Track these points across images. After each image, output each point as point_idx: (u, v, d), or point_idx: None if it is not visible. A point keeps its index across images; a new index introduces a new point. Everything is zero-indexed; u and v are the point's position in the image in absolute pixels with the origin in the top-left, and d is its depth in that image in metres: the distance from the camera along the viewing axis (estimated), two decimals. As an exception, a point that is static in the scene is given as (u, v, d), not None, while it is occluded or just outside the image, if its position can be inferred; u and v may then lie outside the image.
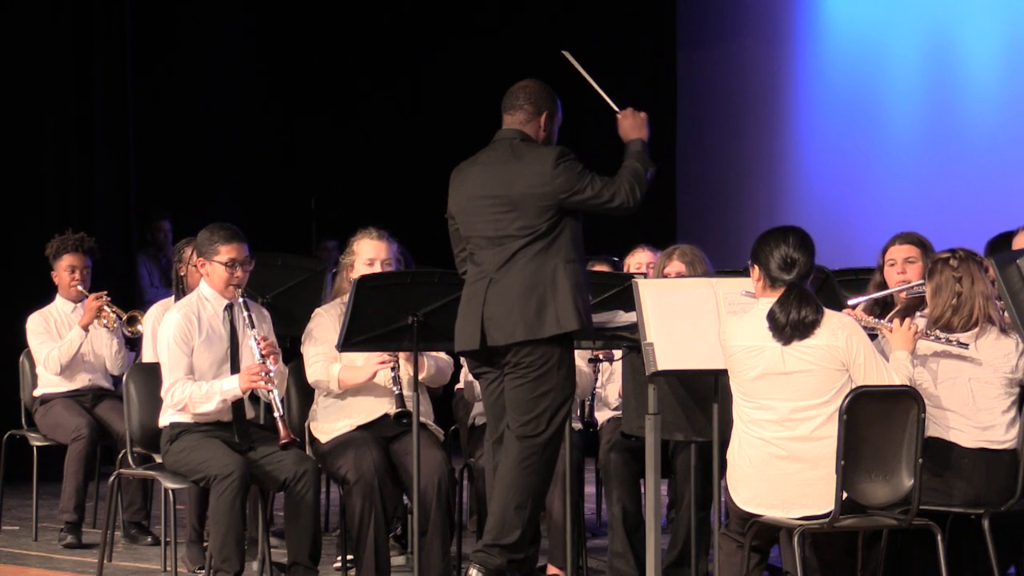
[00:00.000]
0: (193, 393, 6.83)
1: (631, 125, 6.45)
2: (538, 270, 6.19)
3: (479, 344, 6.26)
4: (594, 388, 7.65)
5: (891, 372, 5.72)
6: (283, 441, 6.76)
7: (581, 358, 7.36)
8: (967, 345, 6.00)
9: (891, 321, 6.14)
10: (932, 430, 5.95)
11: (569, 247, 6.24)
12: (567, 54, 6.54)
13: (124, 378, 7.37)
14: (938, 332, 6.02)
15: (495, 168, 6.32)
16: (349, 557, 7.11)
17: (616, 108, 6.50)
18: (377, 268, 7.11)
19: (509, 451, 6.25)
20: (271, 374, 6.80)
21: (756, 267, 5.78)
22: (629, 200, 6.25)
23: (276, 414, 6.79)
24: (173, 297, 8.01)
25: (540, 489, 6.28)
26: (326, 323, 7.12)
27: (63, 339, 8.63)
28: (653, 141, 6.51)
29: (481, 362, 6.38)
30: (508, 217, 6.23)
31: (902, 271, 6.73)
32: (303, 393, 7.35)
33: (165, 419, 6.94)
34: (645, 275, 7.70)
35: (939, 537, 5.72)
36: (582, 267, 6.30)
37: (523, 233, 6.22)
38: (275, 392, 6.80)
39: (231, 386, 6.84)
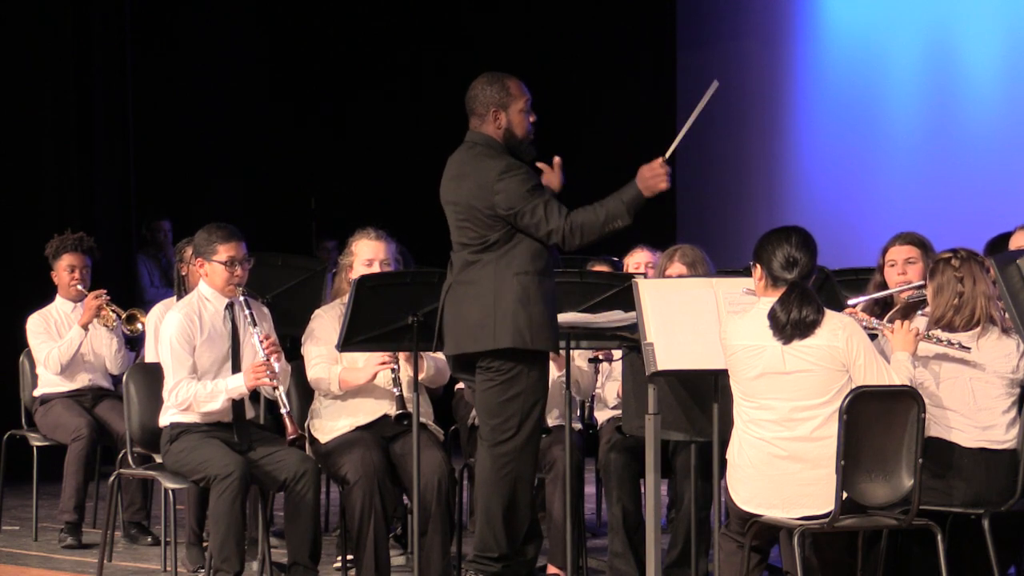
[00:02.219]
0: (198, 392, 6.83)
1: (648, 175, 6.24)
2: (486, 281, 6.18)
3: (442, 351, 6.32)
4: (594, 388, 7.65)
5: (891, 373, 5.71)
6: (291, 437, 6.77)
7: (581, 358, 7.36)
8: (969, 348, 5.99)
9: (892, 322, 6.13)
10: (932, 430, 5.96)
11: (525, 259, 6.19)
12: (715, 85, 6.38)
13: (124, 378, 7.37)
14: (939, 334, 6.01)
15: (454, 173, 6.36)
16: (349, 557, 7.11)
17: (664, 154, 6.29)
18: (376, 268, 7.11)
19: (483, 462, 6.24)
20: (275, 371, 6.80)
21: (758, 266, 5.78)
22: (564, 242, 6.13)
23: (283, 410, 6.79)
24: (175, 297, 8.01)
25: (521, 496, 6.25)
26: (327, 323, 7.12)
27: (63, 339, 8.63)
28: (653, 142, 6.48)
29: (456, 367, 6.41)
30: (463, 225, 6.27)
31: (902, 271, 6.73)
32: (303, 393, 7.35)
33: (165, 419, 6.94)
34: (644, 275, 7.69)
35: (939, 537, 5.72)
36: (541, 278, 6.21)
37: (475, 242, 6.23)
38: (280, 389, 6.81)
39: (236, 384, 6.84)
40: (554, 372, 6.80)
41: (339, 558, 7.39)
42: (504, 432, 6.18)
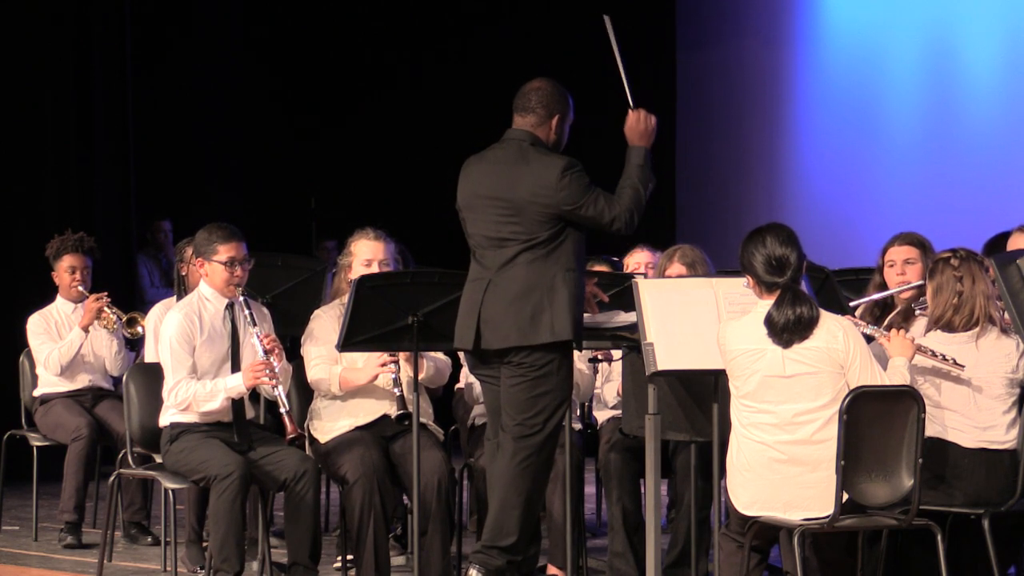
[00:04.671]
0: (197, 392, 6.83)
1: (637, 130, 6.40)
2: (537, 276, 6.17)
3: (472, 345, 6.27)
4: (593, 389, 7.64)
5: (884, 378, 5.71)
6: (290, 436, 6.77)
7: (581, 359, 7.36)
8: (964, 366, 5.98)
9: (895, 324, 6.13)
10: (932, 430, 5.95)
11: (570, 256, 6.22)
12: (607, 20, 6.44)
13: (124, 378, 7.37)
14: (934, 347, 6.01)
15: (501, 169, 6.29)
16: (349, 557, 7.11)
17: (631, 104, 6.43)
18: (375, 269, 7.10)
19: (505, 452, 6.24)
20: (275, 370, 6.81)
21: (747, 275, 5.79)
22: (626, 227, 6.23)
23: (282, 409, 6.79)
24: (175, 297, 8.01)
25: (538, 490, 6.27)
26: (326, 324, 7.12)
27: (63, 340, 8.63)
28: (653, 142, 6.49)
29: (479, 362, 6.38)
30: (509, 221, 6.22)
31: (902, 272, 6.73)
32: (303, 393, 7.35)
33: (165, 419, 6.94)
34: (644, 275, 7.69)
35: (939, 537, 5.72)
36: (581, 277, 6.28)
37: (523, 238, 6.20)
38: (280, 388, 6.81)
39: (235, 383, 6.84)
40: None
41: (339, 558, 7.39)
42: (531, 427, 6.20)
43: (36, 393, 8.73)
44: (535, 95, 6.35)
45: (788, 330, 5.63)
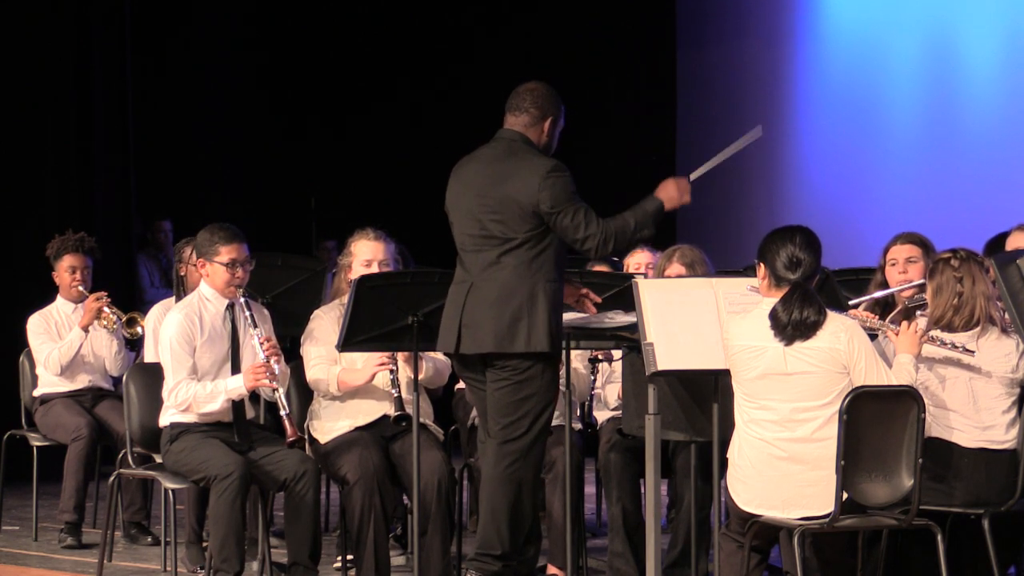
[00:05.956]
0: (197, 393, 6.83)
1: (673, 189, 6.43)
2: (519, 282, 6.17)
3: (454, 350, 6.28)
4: (592, 389, 7.64)
5: (891, 377, 5.71)
6: (290, 439, 6.77)
7: (579, 359, 7.36)
8: (973, 352, 5.99)
9: (895, 323, 6.13)
10: (932, 430, 5.95)
11: (551, 265, 6.22)
12: (760, 128, 6.57)
13: (124, 378, 7.37)
14: (943, 336, 6.01)
15: (488, 167, 6.30)
16: (349, 557, 7.11)
17: (691, 177, 6.54)
18: (375, 269, 7.10)
19: (490, 458, 6.24)
20: (275, 372, 6.81)
21: (762, 265, 5.79)
22: (598, 249, 6.22)
23: (283, 412, 6.79)
24: (174, 297, 8.01)
25: (526, 496, 6.25)
26: (326, 324, 7.12)
27: (63, 340, 8.63)
28: (653, 142, 6.50)
29: (462, 366, 6.38)
30: (491, 218, 6.22)
31: (903, 271, 6.74)
32: (303, 394, 7.35)
33: (165, 419, 6.94)
34: (644, 275, 7.69)
35: (939, 537, 5.72)
36: (561, 286, 6.28)
37: (505, 236, 6.19)
38: (280, 391, 6.81)
39: (236, 385, 6.84)
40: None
41: (339, 558, 7.39)
42: (515, 431, 6.20)
43: (36, 393, 8.74)
44: (530, 96, 6.36)
45: (792, 327, 5.63)
